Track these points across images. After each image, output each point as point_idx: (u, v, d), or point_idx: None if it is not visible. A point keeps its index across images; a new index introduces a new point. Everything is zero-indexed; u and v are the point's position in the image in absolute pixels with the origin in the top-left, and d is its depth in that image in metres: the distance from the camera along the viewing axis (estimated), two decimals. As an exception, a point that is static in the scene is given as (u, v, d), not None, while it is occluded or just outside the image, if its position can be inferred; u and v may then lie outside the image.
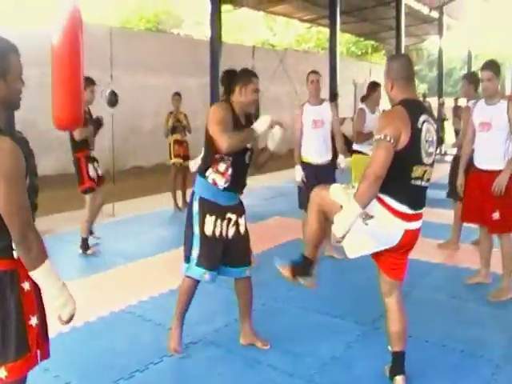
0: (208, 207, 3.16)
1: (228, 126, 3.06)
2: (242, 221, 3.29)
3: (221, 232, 3.19)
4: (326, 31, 16.35)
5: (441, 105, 16.46)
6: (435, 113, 16.72)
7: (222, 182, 3.14)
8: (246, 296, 3.41)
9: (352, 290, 4.40)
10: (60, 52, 4.11)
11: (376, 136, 2.63)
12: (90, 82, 5.37)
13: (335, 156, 5.23)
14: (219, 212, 3.17)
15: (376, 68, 19.40)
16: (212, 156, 3.15)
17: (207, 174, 3.17)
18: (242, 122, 3.20)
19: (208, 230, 3.16)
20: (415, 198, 2.73)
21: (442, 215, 6.26)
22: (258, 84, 3.24)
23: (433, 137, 2.74)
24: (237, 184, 3.22)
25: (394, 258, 2.84)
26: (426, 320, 3.73)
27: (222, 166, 3.13)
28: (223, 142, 2.96)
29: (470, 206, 4.34)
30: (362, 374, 3.07)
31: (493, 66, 4.08)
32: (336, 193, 2.78)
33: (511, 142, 4.01)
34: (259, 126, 3.09)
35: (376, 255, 2.84)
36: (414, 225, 2.75)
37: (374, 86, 5.83)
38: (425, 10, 17.79)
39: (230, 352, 3.34)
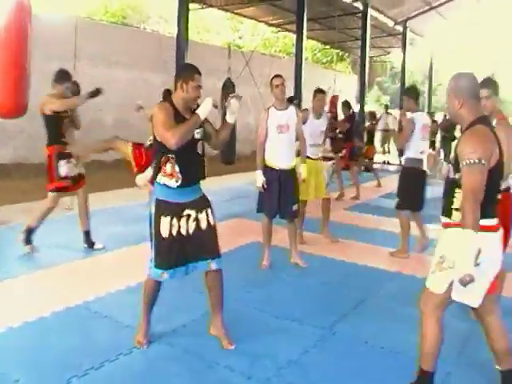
0: (163, 208, 3.17)
1: (170, 124, 3.07)
2: (202, 215, 3.28)
3: (179, 231, 3.19)
4: (293, 37, 16.48)
5: (402, 115, 16.82)
6: (396, 124, 17.15)
7: (172, 183, 3.16)
8: (215, 289, 3.42)
9: (311, 294, 4.44)
10: (2, 36, 3.98)
11: (467, 160, 2.53)
12: (64, 76, 5.13)
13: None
14: (176, 211, 3.18)
15: (340, 77, 19.65)
16: (159, 159, 3.18)
17: (158, 179, 3.20)
18: (186, 117, 3.20)
19: (164, 232, 3.16)
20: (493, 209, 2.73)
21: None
22: (201, 81, 3.27)
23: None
24: (191, 179, 3.22)
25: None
26: (381, 327, 3.80)
27: (168, 167, 3.15)
28: (169, 138, 3.01)
29: None
30: (319, 378, 3.09)
31: (490, 84, 3.99)
32: (434, 281, 2.73)
33: None
34: (202, 109, 3.15)
35: None
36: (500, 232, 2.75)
37: (314, 93, 6.04)
38: (390, 23, 18.15)
39: (187, 352, 3.31)
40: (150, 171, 3.93)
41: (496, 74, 23.39)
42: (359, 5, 15.03)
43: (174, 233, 3.17)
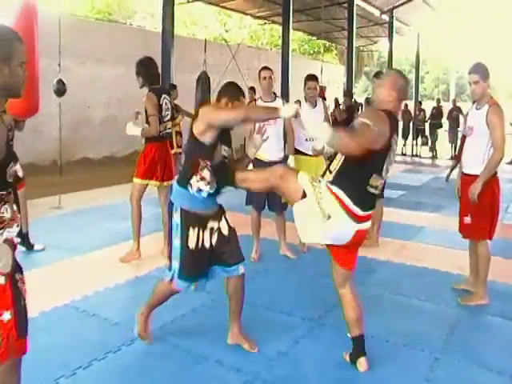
0: (190, 219, 3.05)
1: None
2: (223, 223, 3.21)
3: (203, 242, 3.10)
4: (279, 29, 16.44)
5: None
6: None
7: (207, 188, 3.04)
8: (238, 295, 3.30)
9: (299, 286, 4.44)
10: None
11: (366, 121, 2.73)
12: None
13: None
14: (201, 222, 3.08)
15: (328, 67, 19.64)
16: (195, 163, 3.04)
17: (192, 181, 3.04)
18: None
19: (191, 243, 3.05)
20: (367, 201, 2.89)
21: (389, 214, 6.41)
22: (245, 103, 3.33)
23: (393, 157, 2.94)
24: (218, 188, 3.14)
25: (344, 250, 3.01)
26: (371, 316, 3.80)
27: (206, 173, 3.02)
28: (239, 112, 2.96)
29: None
30: (309, 369, 3.10)
31: (479, 69, 3.99)
32: (304, 182, 2.88)
33: (492, 147, 3.94)
34: (287, 110, 2.84)
35: (329, 245, 3.01)
36: (364, 225, 2.91)
37: (305, 80, 5.48)
38: (376, 13, 18.14)
39: (177, 348, 3.30)
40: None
41: (483, 61, 23.42)
42: (345, -5, 15.02)
43: (200, 245, 3.08)
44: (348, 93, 10.24)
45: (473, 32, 32.62)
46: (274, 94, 5.15)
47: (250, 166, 4.86)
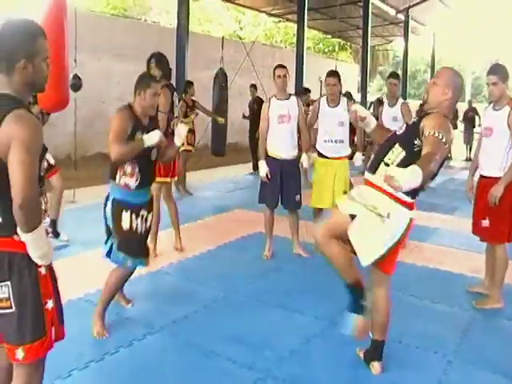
0: (122, 205, 3.35)
1: (122, 135, 3.29)
2: (149, 216, 3.51)
3: (137, 227, 3.37)
4: (294, 27, 16.40)
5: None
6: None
7: (132, 183, 3.35)
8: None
9: (312, 285, 4.43)
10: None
11: (437, 133, 2.58)
12: None
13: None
14: (134, 208, 3.36)
15: (342, 66, 19.55)
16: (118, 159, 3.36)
17: (117, 178, 3.37)
18: (144, 123, 3.43)
19: (125, 225, 3.33)
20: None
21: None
22: (158, 88, 3.50)
23: None
24: (146, 181, 3.45)
25: (393, 254, 2.92)
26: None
27: (128, 168, 3.34)
28: (113, 152, 3.27)
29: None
30: (320, 368, 3.09)
31: (498, 70, 3.93)
32: (345, 207, 2.82)
33: (511, 150, 3.89)
34: (149, 139, 3.32)
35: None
36: (414, 214, 2.84)
37: (326, 77, 5.14)
38: (392, 12, 18.04)
39: (189, 344, 3.31)
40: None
41: (500, 60, 23.23)
42: (360, -7, 14.94)
43: (134, 228, 3.36)
44: (348, 94, 10.18)
45: (489, 32, 32.32)
46: (289, 93, 5.10)
47: (264, 167, 4.89)
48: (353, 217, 2.76)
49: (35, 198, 1.83)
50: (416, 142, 2.73)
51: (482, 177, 4.13)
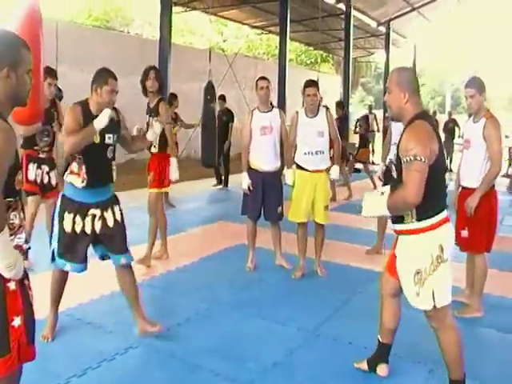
0: (67, 204, 3.27)
1: (74, 128, 3.20)
2: (108, 215, 3.36)
3: (83, 229, 3.27)
4: (276, 38, 16.50)
5: (386, 118, 17.02)
6: (379, 124, 17.26)
7: (78, 182, 3.25)
8: (126, 287, 3.48)
9: (294, 296, 4.44)
10: None
11: (407, 157, 2.54)
12: (46, 73, 4.75)
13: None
14: (79, 209, 3.26)
15: (324, 77, 19.73)
16: (68, 156, 3.30)
17: (65, 176, 3.31)
18: None
19: (67, 227, 3.26)
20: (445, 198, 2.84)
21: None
22: (116, 85, 3.42)
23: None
24: (98, 180, 3.31)
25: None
26: (366, 327, 3.80)
27: (74, 166, 3.26)
28: (66, 144, 3.18)
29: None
30: (303, 380, 3.09)
31: (475, 83, 4.01)
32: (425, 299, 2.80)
33: (489, 161, 3.93)
34: (99, 121, 3.21)
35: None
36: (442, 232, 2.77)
37: (304, 87, 4.91)
38: (373, 24, 18.27)
39: (172, 357, 3.29)
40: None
41: (478, 73, 23.62)
42: (342, 6, 15.10)
43: (78, 230, 3.26)
44: (340, 104, 10.27)
45: (467, 44, 32.89)
46: (271, 104, 5.14)
47: (246, 179, 4.90)
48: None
49: None
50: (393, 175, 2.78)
51: (462, 188, 4.19)
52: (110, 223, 3.36)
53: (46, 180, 5.00)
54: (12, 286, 1.87)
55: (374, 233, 5.95)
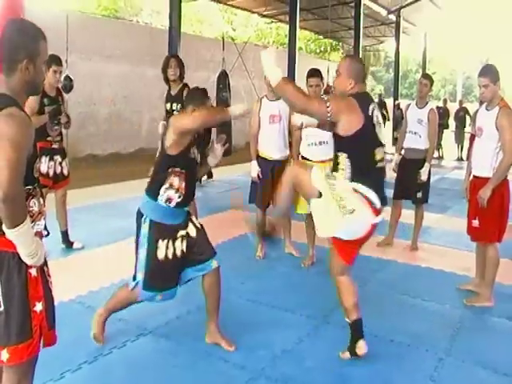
0: (160, 231, 3.05)
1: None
2: (190, 227, 3.18)
3: (174, 251, 3.07)
4: (286, 27, 16.42)
5: (396, 106, 16.94)
6: (391, 113, 17.15)
7: (176, 197, 3.04)
8: (214, 291, 3.26)
9: (304, 284, 4.45)
10: None
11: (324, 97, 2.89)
12: (51, 60, 4.72)
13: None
14: (171, 234, 3.07)
15: (334, 66, 19.61)
16: (165, 171, 3.05)
17: (161, 192, 3.03)
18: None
19: (161, 255, 3.03)
20: (380, 184, 2.98)
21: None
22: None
23: (380, 121, 3.04)
24: (189, 197, 3.17)
25: (350, 246, 3.07)
26: (376, 315, 3.80)
27: (176, 181, 3.03)
28: (195, 117, 3.00)
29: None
30: (313, 367, 3.10)
31: (489, 72, 3.94)
32: (318, 183, 2.92)
33: (501, 150, 3.90)
34: (236, 108, 3.10)
35: (335, 238, 3.05)
36: (378, 219, 2.96)
37: (307, 77, 4.93)
38: (383, 13, 18.10)
39: (181, 344, 3.31)
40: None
41: (490, 61, 23.38)
42: (352, -6, 14.98)
43: (170, 255, 3.06)
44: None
45: (479, 32, 32.50)
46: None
47: (255, 167, 4.90)
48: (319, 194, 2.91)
49: (19, 195, 1.81)
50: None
51: (474, 177, 4.15)
52: (193, 234, 3.17)
53: (58, 170, 5.04)
54: (33, 272, 1.93)
55: (385, 222, 5.93)
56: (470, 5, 23.23)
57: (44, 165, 4.85)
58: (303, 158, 4.90)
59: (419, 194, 5.40)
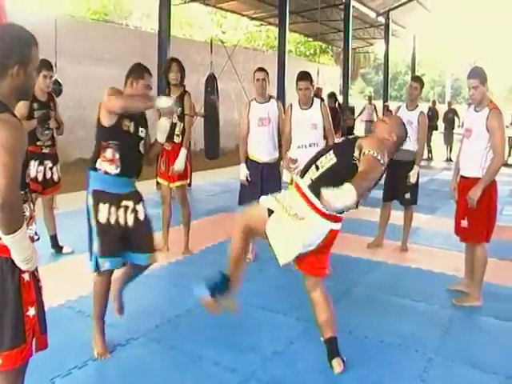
0: (101, 196, 3.13)
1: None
2: (139, 207, 3.25)
3: (117, 220, 3.14)
4: (275, 30, 16.44)
5: (386, 108, 17.02)
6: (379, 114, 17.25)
7: (112, 169, 3.14)
8: (124, 279, 3.39)
9: (294, 287, 4.42)
10: None
11: (375, 154, 2.68)
12: (41, 65, 4.69)
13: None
14: (113, 200, 3.14)
15: (324, 69, 19.67)
16: (99, 145, 3.19)
17: (97, 165, 3.17)
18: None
19: (102, 218, 3.10)
20: None
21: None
22: (150, 81, 3.35)
23: None
24: (129, 170, 3.21)
25: (314, 257, 3.00)
26: (365, 317, 3.83)
27: (108, 153, 3.14)
28: (117, 100, 3.11)
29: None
30: (303, 369, 3.11)
31: (478, 74, 3.97)
32: (266, 202, 2.95)
33: (490, 151, 3.92)
34: (161, 101, 3.18)
35: (298, 258, 2.97)
36: (337, 226, 2.93)
37: (296, 80, 4.82)
38: (372, 15, 18.18)
39: (172, 348, 3.31)
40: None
41: (478, 62, 23.55)
42: (341, -4, 15.04)
43: (113, 221, 3.12)
44: (333, 95, 10.27)
45: (468, 34, 32.74)
46: (269, 95, 5.12)
47: (243, 170, 4.92)
48: (270, 213, 2.88)
49: (17, 201, 1.82)
50: (355, 154, 2.82)
51: (462, 177, 4.18)
52: (141, 217, 3.23)
53: (48, 175, 5.01)
54: (26, 277, 1.93)
55: (375, 223, 5.96)
56: (459, 7, 23.45)
57: (33, 169, 4.83)
58: (291, 160, 4.77)
59: (407, 195, 5.43)
